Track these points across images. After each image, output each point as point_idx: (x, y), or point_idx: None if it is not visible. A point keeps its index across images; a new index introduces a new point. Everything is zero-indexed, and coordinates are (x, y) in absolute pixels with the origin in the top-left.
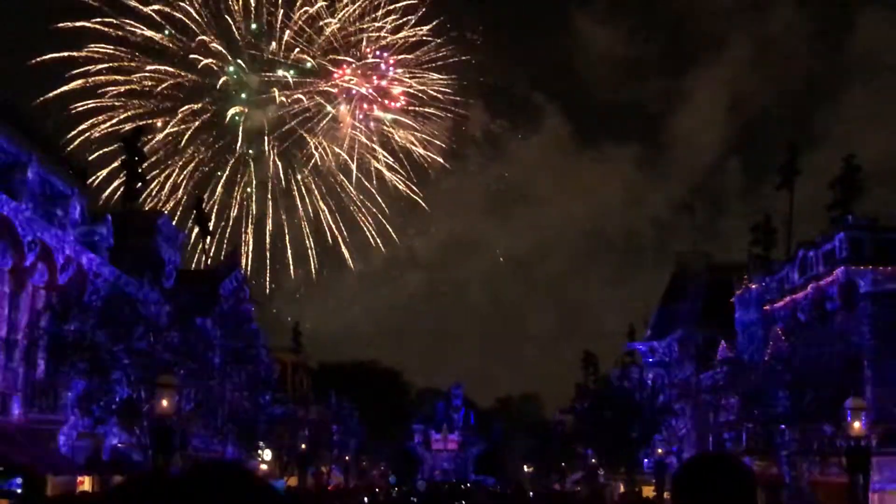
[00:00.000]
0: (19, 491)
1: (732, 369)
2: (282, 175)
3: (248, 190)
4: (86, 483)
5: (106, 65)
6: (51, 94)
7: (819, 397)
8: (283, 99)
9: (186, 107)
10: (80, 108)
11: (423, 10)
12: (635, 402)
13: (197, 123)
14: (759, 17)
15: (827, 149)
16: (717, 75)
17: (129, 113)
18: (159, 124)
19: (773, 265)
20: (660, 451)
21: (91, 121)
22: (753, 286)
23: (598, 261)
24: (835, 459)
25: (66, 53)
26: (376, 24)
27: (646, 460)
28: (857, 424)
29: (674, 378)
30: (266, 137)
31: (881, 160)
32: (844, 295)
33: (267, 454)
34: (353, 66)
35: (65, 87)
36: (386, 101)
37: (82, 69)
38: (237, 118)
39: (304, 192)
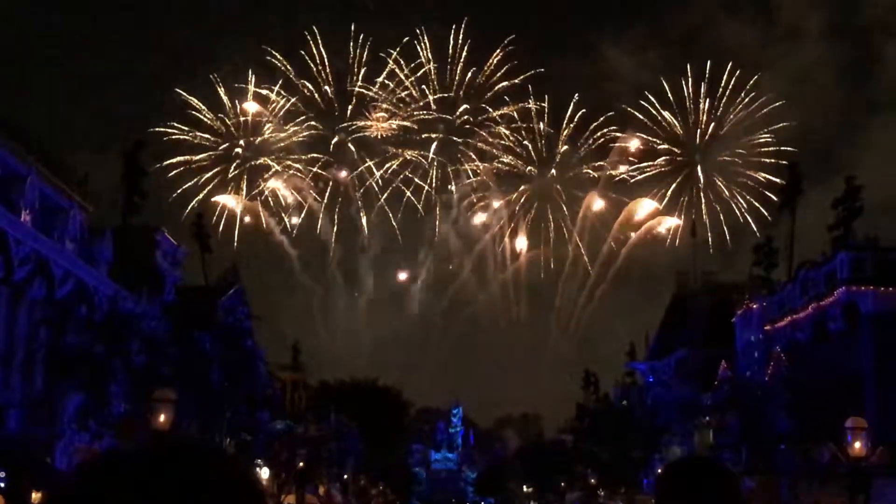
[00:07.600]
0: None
1: (733, 389)
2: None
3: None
4: None
5: None
6: None
7: (819, 417)
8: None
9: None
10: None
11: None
12: (635, 421)
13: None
14: (788, 50)
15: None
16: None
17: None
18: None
19: (774, 285)
20: (659, 470)
21: None
22: (754, 306)
23: (609, 290)
24: (835, 481)
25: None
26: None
27: (645, 480)
28: (857, 444)
29: (674, 398)
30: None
31: None
32: (845, 315)
33: (265, 472)
34: None
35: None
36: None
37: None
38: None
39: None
